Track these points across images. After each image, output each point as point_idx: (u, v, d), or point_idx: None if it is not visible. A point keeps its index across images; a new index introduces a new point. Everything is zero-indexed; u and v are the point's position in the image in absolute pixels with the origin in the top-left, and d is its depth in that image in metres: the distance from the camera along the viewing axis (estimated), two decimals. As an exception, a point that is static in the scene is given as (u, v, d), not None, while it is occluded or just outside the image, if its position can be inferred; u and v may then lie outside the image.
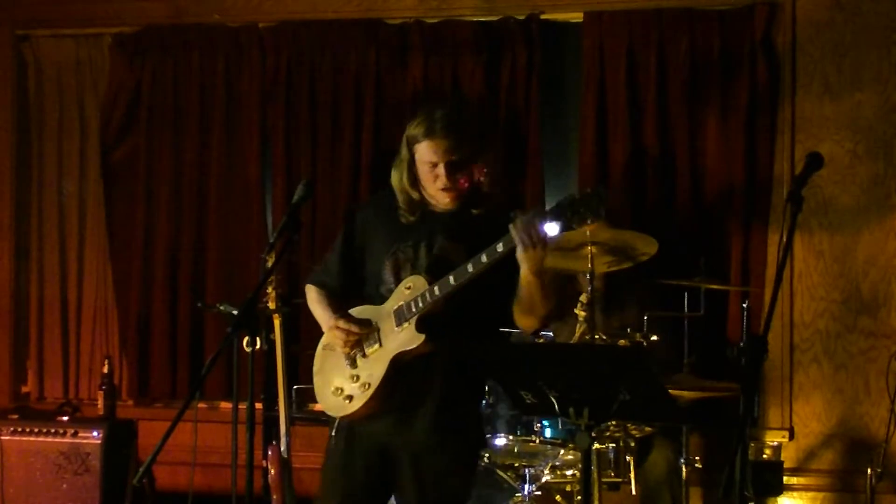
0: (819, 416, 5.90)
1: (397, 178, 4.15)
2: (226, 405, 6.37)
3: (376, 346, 4.09)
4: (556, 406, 3.83)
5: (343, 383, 4.15)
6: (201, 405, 6.25)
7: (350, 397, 4.11)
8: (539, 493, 5.06)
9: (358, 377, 4.11)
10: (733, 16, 5.93)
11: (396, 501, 4.23)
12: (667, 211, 5.96)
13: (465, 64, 6.17)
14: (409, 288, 4.04)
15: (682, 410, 4.84)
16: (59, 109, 6.73)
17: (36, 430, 5.96)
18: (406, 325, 4.02)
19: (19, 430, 5.98)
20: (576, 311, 5.00)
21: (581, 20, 6.11)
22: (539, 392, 3.86)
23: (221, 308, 5.48)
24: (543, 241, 3.77)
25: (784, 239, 3.56)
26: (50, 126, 6.74)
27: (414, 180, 4.12)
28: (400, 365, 4.04)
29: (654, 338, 5.03)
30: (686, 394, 5.02)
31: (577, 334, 4.98)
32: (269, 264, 4.29)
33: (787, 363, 5.91)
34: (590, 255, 4.94)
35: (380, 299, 4.13)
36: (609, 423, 4.77)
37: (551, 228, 3.77)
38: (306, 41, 6.36)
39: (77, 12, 6.62)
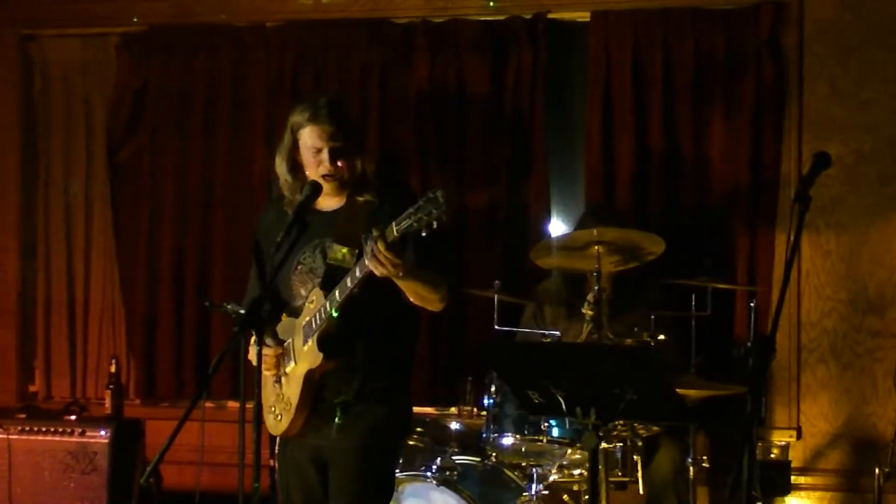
0: (826, 415, 5.89)
1: (279, 163, 4.21)
2: (233, 404, 6.39)
3: (292, 363, 4.14)
4: (564, 406, 3.84)
5: (274, 402, 4.23)
6: (208, 404, 6.28)
7: (279, 416, 4.19)
8: (546, 492, 5.05)
9: (283, 395, 4.17)
10: (740, 15, 5.92)
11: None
12: (673, 210, 5.95)
13: (471, 63, 6.17)
14: (311, 302, 4.09)
15: (688, 410, 4.82)
16: (65, 109, 6.74)
17: (43, 429, 5.97)
18: (310, 342, 4.06)
19: (27, 429, 5.98)
20: (583, 310, 5.00)
21: (587, 20, 6.10)
22: (546, 392, 3.86)
23: (228, 307, 5.47)
24: (392, 258, 3.80)
25: (791, 238, 3.56)
26: (56, 126, 6.74)
27: (294, 166, 4.16)
28: (313, 381, 4.06)
29: (662, 337, 5.03)
30: (693, 393, 5.02)
31: (584, 334, 4.98)
32: (276, 264, 4.27)
33: (795, 363, 5.90)
34: (597, 255, 4.94)
35: (296, 312, 4.17)
36: (616, 422, 4.77)
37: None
38: (312, 41, 6.36)
39: (83, 12, 6.62)
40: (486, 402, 5.02)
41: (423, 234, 3.72)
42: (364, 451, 4.11)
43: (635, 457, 5.00)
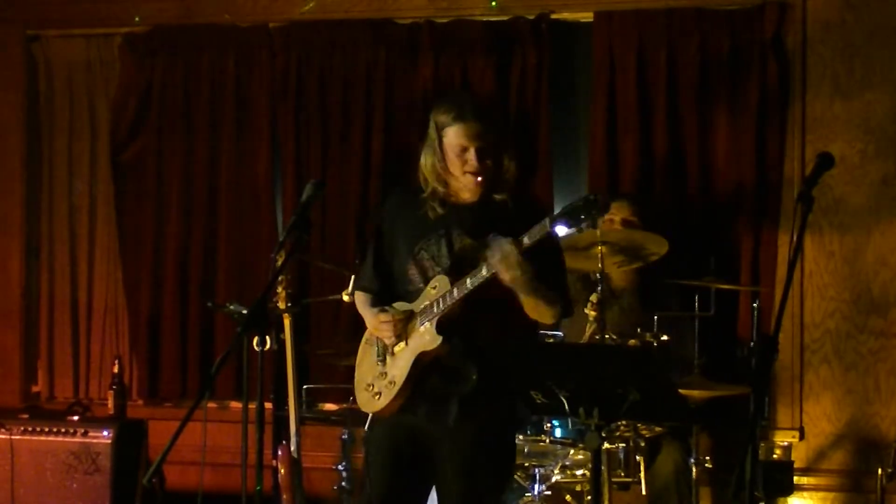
0: (829, 416, 5.89)
1: (428, 161, 4.19)
2: (236, 405, 6.39)
3: (403, 344, 4.15)
4: (567, 406, 3.84)
5: (373, 379, 4.23)
6: (211, 405, 6.29)
7: (378, 394, 4.19)
8: (549, 492, 5.06)
9: (386, 374, 4.17)
10: (743, 15, 5.92)
11: (437, 489, 4.24)
12: (676, 210, 5.95)
13: (476, 64, 6.17)
14: (434, 288, 4.11)
15: (692, 410, 4.84)
16: (69, 109, 6.74)
17: (46, 429, 5.97)
18: (428, 325, 4.08)
19: (30, 429, 5.99)
20: (585, 310, 5.00)
21: (591, 20, 6.10)
22: (549, 392, 3.86)
23: (231, 308, 5.48)
24: (515, 265, 3.88)
25: (794, 239, 3.57)
26: (60, 126, 6.75)
27: (442, 165, 4.15)
28: (422, 364, 4.08)
29: (665, 338, 5.04)
30: (696, 394, 5.02)
31: (588, 334, 4.98)
32: (279, 264, 4.29)
33: (798, 363, 5.90)
34: (600, 255, 4.94)
35: (409, 298, 4.18)
36: (619, 422, 4.77)
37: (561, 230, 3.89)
38: (316, 41, 6.36)
39: (87, 12, 6.62)
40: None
41: (547, 252, 3.89)
42: (484, 448, 4.11)
43: (638, 457, 5.00)
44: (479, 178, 4.11)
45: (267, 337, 4.22)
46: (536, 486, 5.02)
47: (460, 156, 4.10)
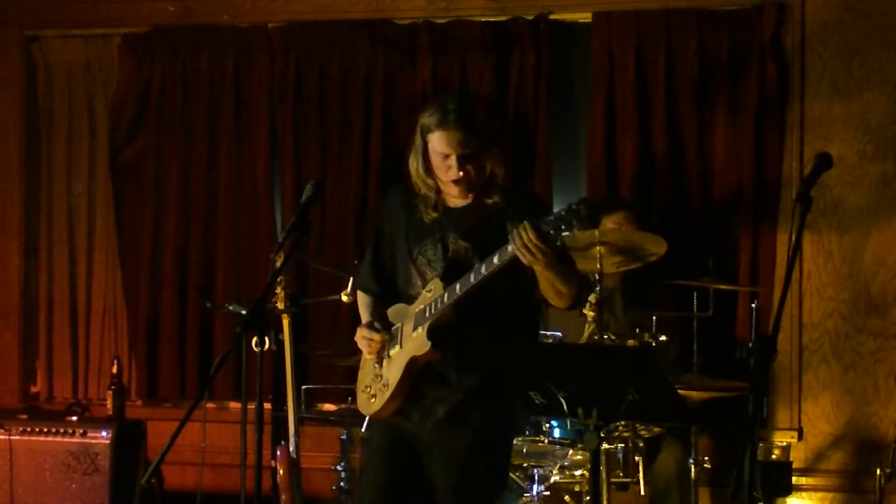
0: (828, 416, 5.89)
1: (413, 166, 4.18)
2: (234, 405, 6.39)
3: (397, 347, 4.14)
4: (565, 406, 3.84)
5: (371, 381, 4.24)
6: (210, 405, 6.29)
7: (374, 396, 4.19)
8: (548, 493, 5.05)
9: (381, 376, 4.17)
10: (742, 16, 5.92)
11: (433, 496, 4.24)
12: (675, 211, 5.95)
13: (474, 64, 6.17)
14: (429, 291, 4.10)
15: (690, 411, 4.83)
16: (68, 110, 6.74)
17: (45, 430, 5.97)
18: (420, 329, 4.06)
19: (28, 430, 5.98)
20: (584, 311, 5.00)
21: (590, 20, 6.10)
22: (548, 392, 3.86)
23: (230, 308, 5.48)
24: (542, 247, 3.80)
25: (793, 239, 3.56)
26: (59, 126, 6.75)
27: (428, 168, 4.14)
28: (415, 368, 4.07)
29: (663, 338, 5.04)
30: (695, 394, 5.02)
31: (587, 334, 4.98)
32: (278, 264, 4.29)
33: (796, 363, 5.90)
34: (598, 256, 4.94)
35: (410, 299, 4.17)
36: (618, 423, 4.77)
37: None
38: (315, 41, 6.37)
39: (86, 13, 6.62)
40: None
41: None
42: (476, 449, 4.09)
43: (637, 457, 5.00)
44: (463, 186, 4.10)
45: (266, 337, 4.21)
46: (535, 487, 5.02)
47: (443, 162, 4.08)
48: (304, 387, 5.71)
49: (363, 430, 4.38)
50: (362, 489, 4.22)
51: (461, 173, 4.06)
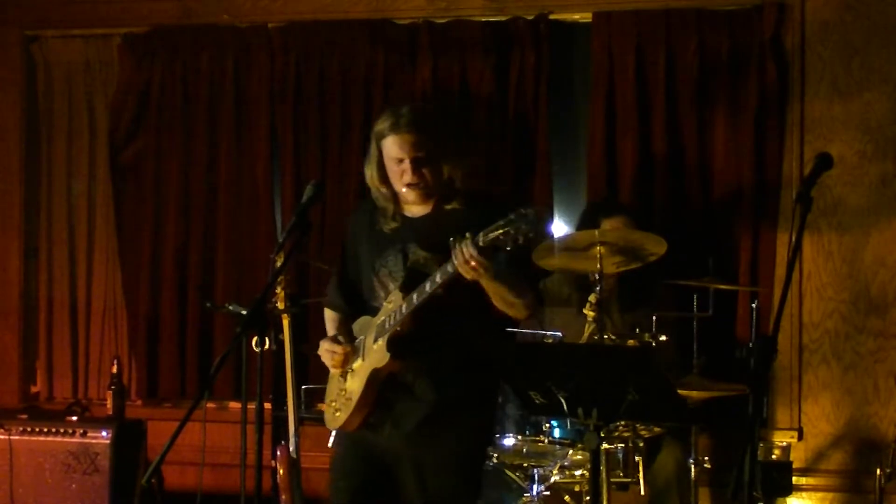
0: (828, 416, 5.89)
1: (369, 174, 4.19)
2: (234, 405, 6.39)
3: (360, 360, 4.14)
4: (565, 406, 3.84)
5: (336, 396, 4.25)
6: (210, 405, 6.29)
7: (338, 410, 4.19)
8: (548, 493, 5.05)
9: (345, 390, 4.17)
10: (742, 16, 5.92)
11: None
12: (675, 211, 5.95)
13: (474, 64, 6.17)
14: (390, 303, 4.10)
15: (690, 411, 4.83)
16: (68, 110, 6.74)
17: (45, 429, 5.97)
18: (381, 341, 4.05)
19: (28, 429, 5.98)
20: (584, 311, 5.00)
21: (590, 20, 6.10)
22: (548, 392, 3.86)
23: (230, 308, 5.48)
24: (483, 262, 3.79)
25: (793, 239, 3.56)
26: (59, 126, 6.75)
27: (384, 177, 4.14)
28: (377, 380, 4.06)
29: (663, 338, 5.03)
30: (695, 394, 5.02)
31: (587, 334, 4.98)
32: (278, 265, 4.30)
33: (796, 363, 5.90)
34: (598, 256, 4.94)
35: (374, 311, 4.18)
36: (618, 423, 4.77)
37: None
38: (315, 41, 6.36)
39: (86, 13, 6.62)
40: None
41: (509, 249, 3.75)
42: (448, 463, 4.11)
43: (637, 457, 4.99)
44: (418, 192, 4.08)
45: (266, 337, 4.22)
46: (535, 487, 5.01)
47: (398, 167, 4.07)
48: (304, 387, 5.71)
49: (329, 444, 4.37)
50: (333, 500, 4.23)
51: (415, 177, 4.05)
